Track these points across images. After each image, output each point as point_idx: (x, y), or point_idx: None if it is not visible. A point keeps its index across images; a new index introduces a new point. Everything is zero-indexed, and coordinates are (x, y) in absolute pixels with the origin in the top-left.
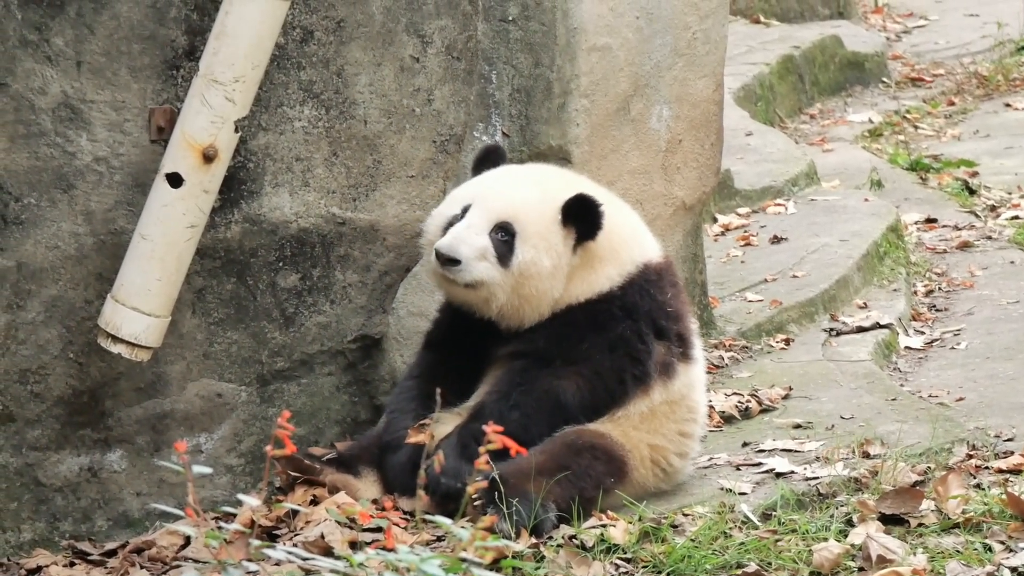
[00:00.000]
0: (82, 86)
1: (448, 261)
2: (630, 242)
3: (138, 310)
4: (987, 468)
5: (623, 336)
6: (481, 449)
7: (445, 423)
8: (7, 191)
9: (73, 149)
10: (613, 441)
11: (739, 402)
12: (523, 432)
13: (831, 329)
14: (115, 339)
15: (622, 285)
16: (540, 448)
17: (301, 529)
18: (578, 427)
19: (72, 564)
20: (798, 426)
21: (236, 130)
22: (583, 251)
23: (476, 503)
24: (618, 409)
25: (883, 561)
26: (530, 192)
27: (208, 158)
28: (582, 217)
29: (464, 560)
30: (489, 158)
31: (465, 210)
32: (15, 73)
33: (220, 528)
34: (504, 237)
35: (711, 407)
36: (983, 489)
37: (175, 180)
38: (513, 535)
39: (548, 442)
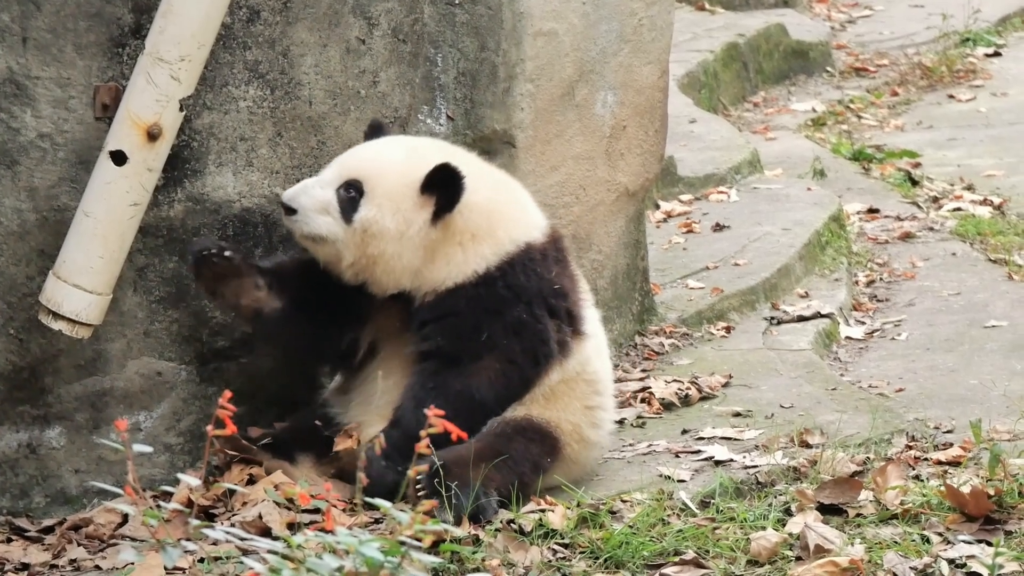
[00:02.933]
0: (27, 62)
1: (288, 210)
2: (509, 222)
3: (80, 287)
4: (926, 459)
5: (520, 319)
6: (423, 433)
7: (367, 422)
8: None
9: (17, 125)
10: (540, 420)
11: (679, 389)
12: (444, 435)
13: (772, 318)
14: (56, 316)
15: (500, 265)
16: (475, 440)
17: (239, 509)
18: (502, 417)
19: (9, 540)
20: (738, 414)
21: (181, 109)
22: (447, 226)
23: (419, 491)
24: (525, 393)
25: (820, 551)
26: (392, 155)
27: (152, 136)
28: (442, 188)
29: (403, 543)
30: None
31: None
32: None
33: (158, 507)
34: (351, 194)
35: (651, 394)
36: (922, 480)
37: (119, 158)
38: (453, 522)
39: (479, 436)
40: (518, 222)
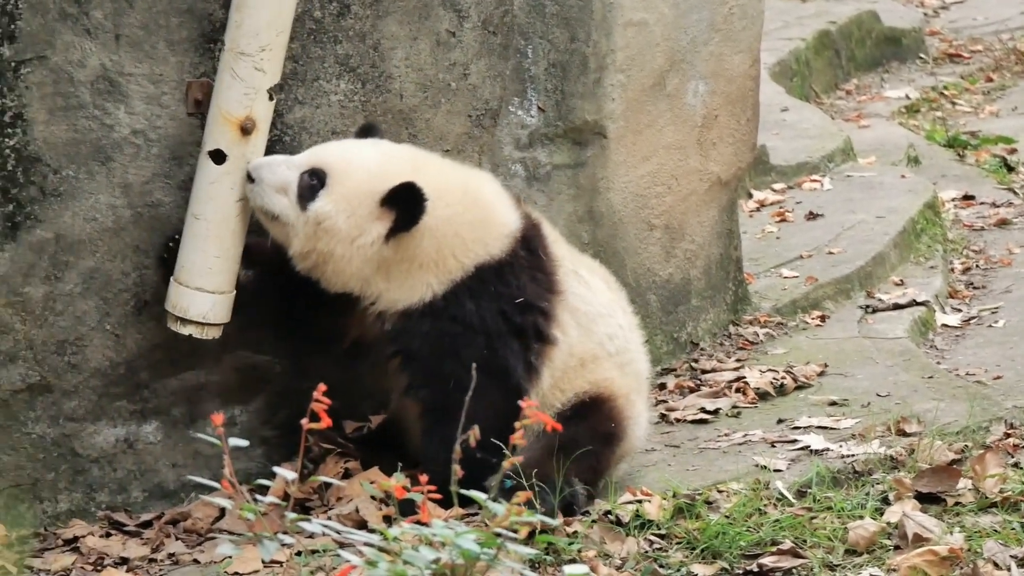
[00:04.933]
0: (120, 59)
1: (250, 179)
2: (462, 246)
3: (202, 289)
4: None
5: (479, 357)
6: (517, 424)
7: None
8: (46, 163)
9: (111, 122)
10: (605, 391)
11: (774, 379)
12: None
13: (867, 306)
14: (184, 321)
15: (446, 294)
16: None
17: (335, 503)
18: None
19: (108, 535)
20: (833, 403)
21: (270, 98)
22: (400, 245)
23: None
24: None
25: (919, 539)
26: (365, 158)
27: (246, 131)
28: (403, 206)
29: (499, 535)
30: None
31: None
32: (54, 46)
33: (255, 500)
34: (312, 181)
35: (746, 384)
36: (1021, 468)
37: (218, 157)
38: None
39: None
40: (474, 242)
